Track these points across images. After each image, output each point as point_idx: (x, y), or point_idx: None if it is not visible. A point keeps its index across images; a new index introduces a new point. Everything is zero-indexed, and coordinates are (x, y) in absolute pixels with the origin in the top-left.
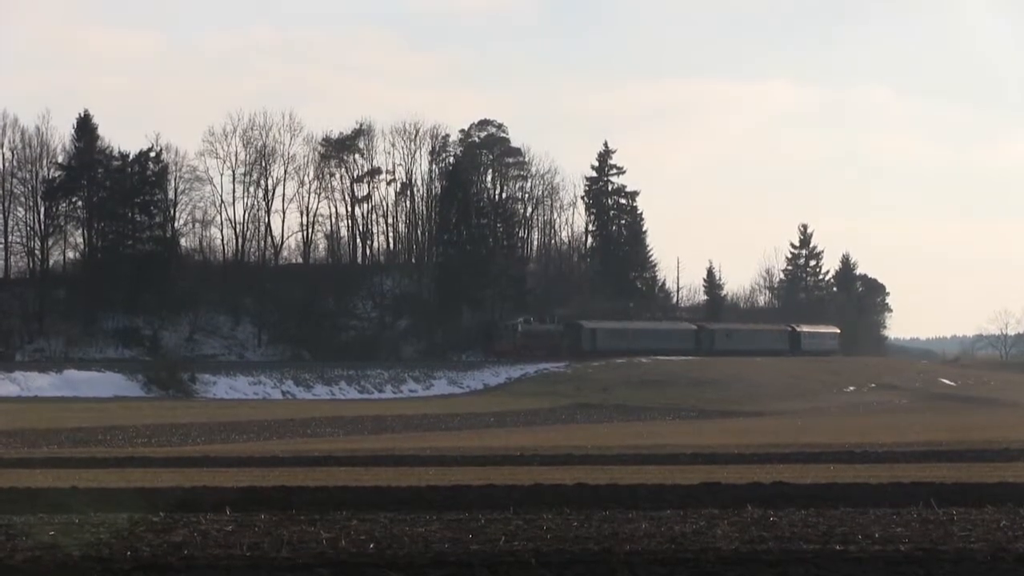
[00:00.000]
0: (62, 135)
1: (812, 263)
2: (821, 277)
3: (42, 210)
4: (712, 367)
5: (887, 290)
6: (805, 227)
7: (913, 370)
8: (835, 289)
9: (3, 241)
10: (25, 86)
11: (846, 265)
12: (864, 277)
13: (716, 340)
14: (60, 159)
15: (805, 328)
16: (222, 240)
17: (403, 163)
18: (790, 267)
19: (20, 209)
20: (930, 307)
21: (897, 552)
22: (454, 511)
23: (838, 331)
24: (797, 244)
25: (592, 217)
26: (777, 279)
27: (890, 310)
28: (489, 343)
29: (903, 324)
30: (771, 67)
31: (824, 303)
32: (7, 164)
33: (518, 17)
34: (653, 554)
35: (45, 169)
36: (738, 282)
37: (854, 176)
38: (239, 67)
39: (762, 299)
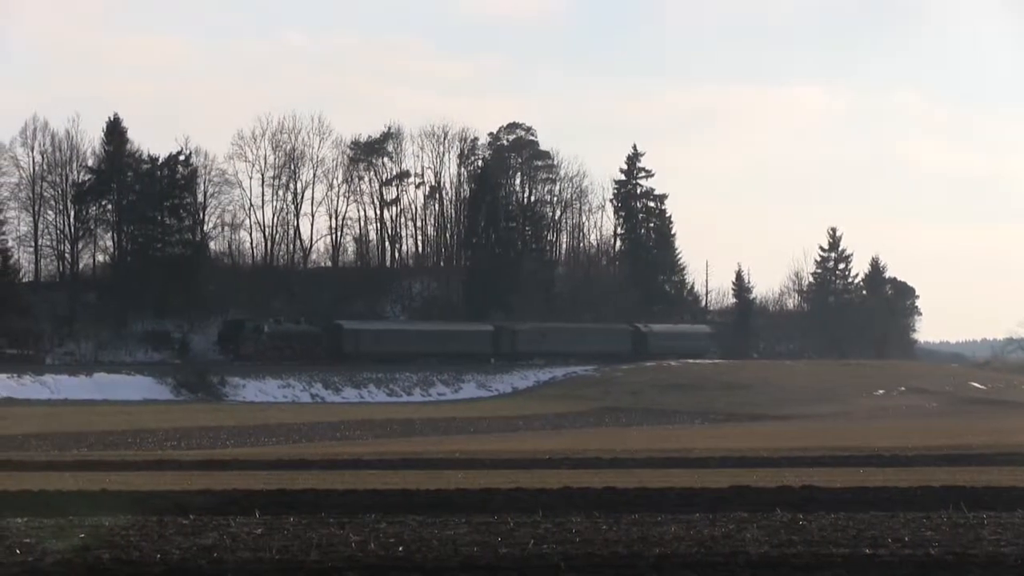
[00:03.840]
0: (92, 139)
1: (841, 266)
2: (850, 280)
3: (72, 213)
4: (742, 371)
5: (917, 293)
6: (834, 230)
7: (943, 373)
8: (864, 292)
9: (33, 244)
10: (55, 90)
11: (875, 268)
12: (894, 280)
13: (519, 342)
14: (90, 163)
15: (656, 327)
16: (251, 243)
17: (432, 166)
18: (819, 270)
19: (50, 212)
20: (960, 310)
21: (927, 556)
22: (483, 514)
23: (708, 330)
24: (826, 247)
25: (621, 220)
26: (806, 282)
27: (920, 313)
28: (231, 346)
29: (933, 327)
30: (801, 73)
31: (853, 306)
32: (37, 168)
33: (548, 22)
34: (682, 558)
35: (75, 173)
36: (767, 285)
37: (884, 180)
38: (269, 71)
39: (791, 302)
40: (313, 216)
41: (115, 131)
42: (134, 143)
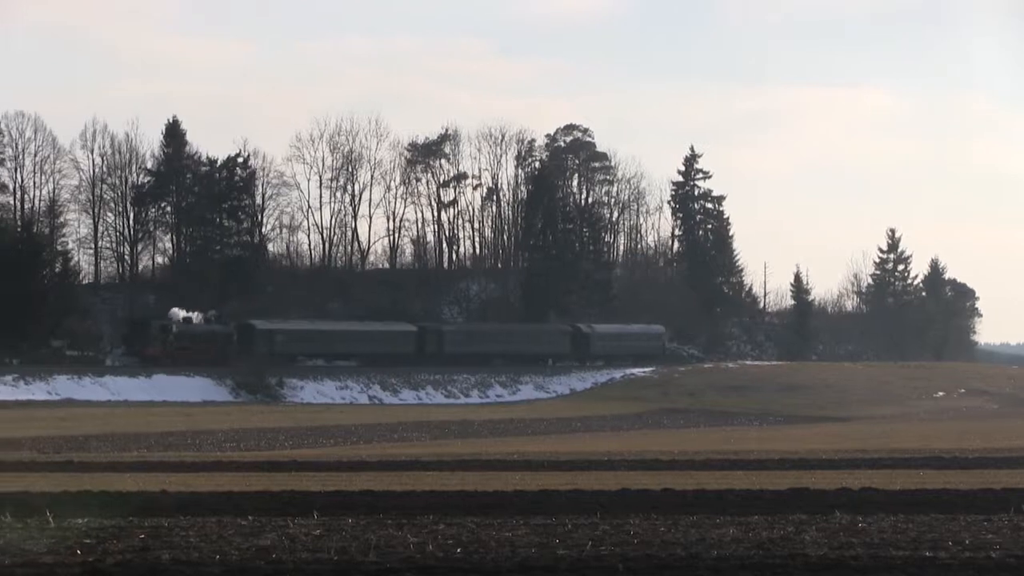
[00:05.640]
0: (151, 141)
1: (900, 268)
2: (909, 282)
3: (131, 215)
4: (800, 372)
5: (977, 295)
6: (893, 231)
7: (1003, 375)
8: (924, 294)
9: (93, 247)
10: (115, 93)
11: (935, 270)
12: (953, 282)
13: (446, 342)
14: (149, 165)
15: (599, 328)
16: (309, 245)
17: (489, 168)
18: (878, 272)
19: (110, 215)
20: (1021, 312)
21: (988, 559)
22: (541, 516)
23: (660, 330)
24: (885, 249)
25: (678, 222)
26: (865, 284)
27: (980, 315)
28: (135, 347)
29: (993, 329)
30: (861, 74)
31: (912, 308)
32: (97, 170)
33: (605, 23)
34: (741, 560)
35: (134, 175)
36: (826, 287)
37: (943, 181)
38: (326, 73)
39: (850, 304)
40: (371, 218)
41: (174, 133)
42: (193, 145)
